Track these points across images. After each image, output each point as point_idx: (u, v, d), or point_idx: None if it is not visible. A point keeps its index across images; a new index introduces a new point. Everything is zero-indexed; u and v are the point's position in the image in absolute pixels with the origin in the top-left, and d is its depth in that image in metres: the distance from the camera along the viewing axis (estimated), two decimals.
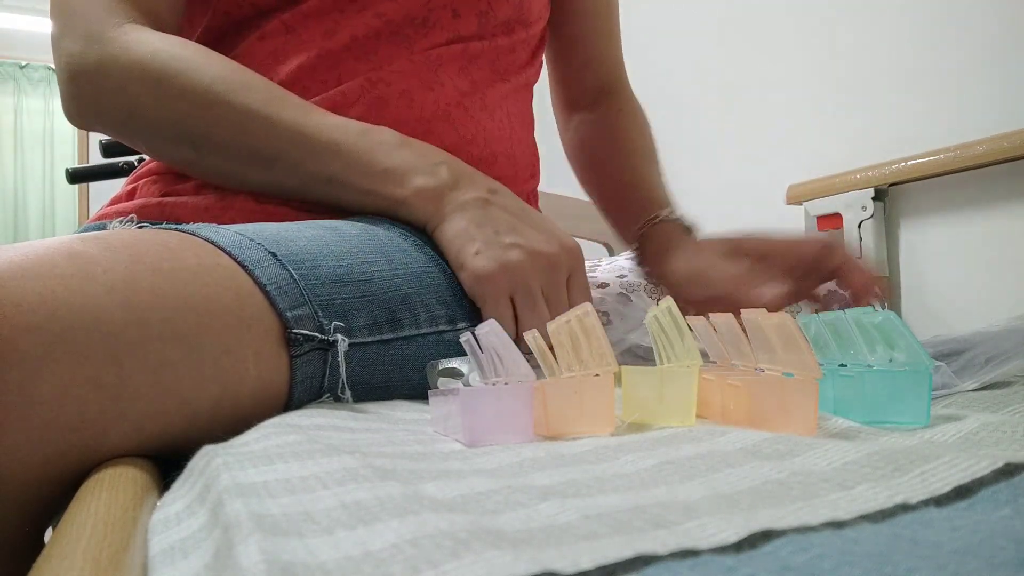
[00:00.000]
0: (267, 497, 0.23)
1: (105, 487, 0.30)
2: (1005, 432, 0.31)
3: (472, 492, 0.24)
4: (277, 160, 0.58)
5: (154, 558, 0.22)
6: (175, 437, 0.40)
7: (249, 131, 0.57)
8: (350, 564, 0.17)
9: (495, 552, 0.17)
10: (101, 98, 0.59)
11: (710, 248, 0.69)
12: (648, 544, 0.17)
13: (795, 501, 0.21)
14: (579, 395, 0.34)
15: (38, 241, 0.40)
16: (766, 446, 0.28)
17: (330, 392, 0.47)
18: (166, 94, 0.57)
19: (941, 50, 1.21)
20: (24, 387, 0.33)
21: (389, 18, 0.65)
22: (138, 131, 0.60)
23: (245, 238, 0.47)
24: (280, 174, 0.58)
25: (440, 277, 0.56)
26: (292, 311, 0.45)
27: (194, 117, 0.57)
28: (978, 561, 0.15)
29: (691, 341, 0.38)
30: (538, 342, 0.39)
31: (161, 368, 0.38)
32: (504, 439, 0.34)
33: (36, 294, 0.35)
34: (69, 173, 1.32)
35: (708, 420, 0.37)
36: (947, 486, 0.22)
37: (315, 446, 0.30)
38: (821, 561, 0.16)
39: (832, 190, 1.31)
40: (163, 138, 0.60)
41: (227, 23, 0.66)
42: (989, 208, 1.15)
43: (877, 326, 0.35)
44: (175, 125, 0.58)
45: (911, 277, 1.26)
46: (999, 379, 0.47)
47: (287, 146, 0.57)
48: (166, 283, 0.40)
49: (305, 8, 0.63)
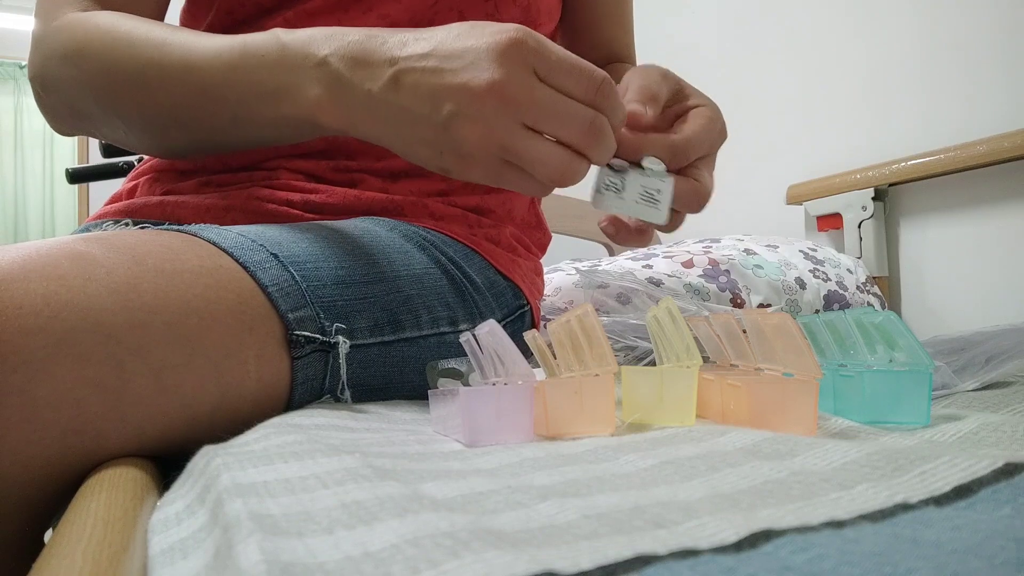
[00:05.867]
0: (267, 497, 0.23)
1: (105, 487, 0.30)
2: (1005, 432, 0.31)
3: (472, 492, 0.24)
4: (179, 110, 0.52)
5: (154, 558, 0.22)
6: (176, 438, 0.40)
7: (145, 83, 0.52)
8: (350, 564, 0.17)
9: (495, 552, 0.17)
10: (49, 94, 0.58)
11: (659, 69, 0.57)
12: (648, 544, 0.17)
13: (795, 501, 0.21)
14: (579, 395, 0.34)
15: (40, 241, 0.40)
16: (766, 446, 0.28)
17: (330, 393, 0.47)
18: (82, 68, 0.54)
19: (941, 50, 1.21)
20: (26, 389, 0.33)
21: (393, 19, 0.64)
22: (81, 117, 0.58)
23: (247, 239, 0.47)
24: (192, 126, 0.53)
25: (442, 278, 0.56)
26: (294, 313, 0.45)
27: (103, 85, 0.53)
28: (978, 561, 0.15)
29: (691, 341, 0.38)
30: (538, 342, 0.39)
31: (163, 370, 0.38)
32: (504, 439, 0.34)
33: (38, 296, 0.35)
34: (69, 173, 1.32)
35: (708, 420, 0.37)
36: (947, 486, 0.22)
37: (315, 446, 0.30)
38: (821, 561, 0.16)
39: (832, 190, 1.31)
40: (95, 118, 0.57)
41: (229, 21, 0.66)
42: (989, 208, 1.15)
43: (877, 326, 0.35)
44: (98, 100, 0.54)
45: (911, 277, 1.26)
46: (999, 379, 0.47)
47: (181, 90, 0.51)
48: (168, 285, 0.40)
49: (309, 7, 0.63)
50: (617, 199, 0.48)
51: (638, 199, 0.48)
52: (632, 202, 0.48)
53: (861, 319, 0.36)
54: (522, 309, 0.66)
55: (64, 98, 0.57)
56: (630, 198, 0.48)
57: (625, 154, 0.49)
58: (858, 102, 1.35)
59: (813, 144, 1.44)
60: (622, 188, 0.48)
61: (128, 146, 0.61)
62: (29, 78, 0.59)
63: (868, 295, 1.12)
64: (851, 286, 1.10)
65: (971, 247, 1.17)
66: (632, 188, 0.48)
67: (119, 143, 0.61)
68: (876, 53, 1.32)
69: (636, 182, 0.48)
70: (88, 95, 0.55)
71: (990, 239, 1.15)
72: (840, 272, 1.12)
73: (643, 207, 0.48)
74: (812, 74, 1.45)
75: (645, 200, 0.48)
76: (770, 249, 1.11)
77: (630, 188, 0.48)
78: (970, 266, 1.18)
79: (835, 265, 1.12)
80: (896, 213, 1.28)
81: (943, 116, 1.20)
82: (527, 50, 0.42)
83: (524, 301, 0.67)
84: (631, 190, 0.48)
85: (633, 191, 0.48)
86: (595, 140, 0.44)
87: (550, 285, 0.95)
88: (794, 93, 1.49)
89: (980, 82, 1.16)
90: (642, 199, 0.48)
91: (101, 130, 0.60)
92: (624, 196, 0.48)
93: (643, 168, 0.49)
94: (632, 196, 0.48)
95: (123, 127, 0.56)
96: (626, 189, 0.48)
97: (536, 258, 0.75)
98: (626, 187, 0.48)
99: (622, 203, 0.48)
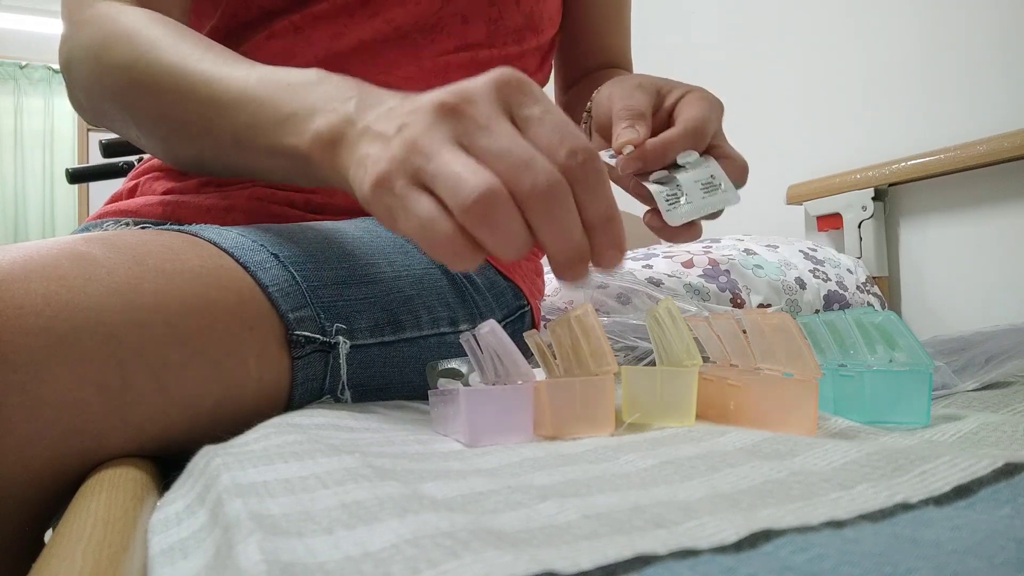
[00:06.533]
0: (267, 497, 0.23)
1: (105, 487, 0.30)
2: (1005, 432, 0.31)
3: (472, 492, 0.24)
4: (189, 122, 0.50)
5: (154, 558, 0.22)
6: (176, 438, 0.40)
7: (161, 89, 0.50)
8: (350, 564, 0.17)
9: (495, 552, 0.17)
10: (73, 87, 0.57)
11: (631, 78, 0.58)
12: (648, 544, 0.17)
13: (795, 501, 0.21)
14: (579, 395, 0.34)
15: (41, 241, 0.40)
16: (766, 446, 0.28)
17: (330, 393, 0.47)
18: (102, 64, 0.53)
19: (941, 50, 1.21)
20: (26, 389, 0.33)
21: (398, 24, 0.64)
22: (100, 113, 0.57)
23: (248, 240, 0.47)
24: (199, 141, 0.51)
25: (443, 279, 0.56)
26: (294, 313, 0.45)
27: (120, 86, 0.52)
28: (978, 560, 0.15)
29: (691, 341, 0.38)
30: (538, 342, 0.39)
31: (163, 371, 0.38)
32: (504, 439, 0.34)
33: (39, 296, 0.35)
34: (69, 173, 1.32)
35: (708, 420, 0.37)
36: (947, 486, 0.22)
37: (315, 446, 0.30)
38: (821, 561, 0.16)
39: (832, 190, 1.31)
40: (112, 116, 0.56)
41: (234, 24, 0.66)
42: (989, 208, 1.15)
43: (877, 326, 0.35)
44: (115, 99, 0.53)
45: (911, 277, 1.26)
46: (999, 379, 0.47)
47: (195, 102, 0.49)
48: (169, 285, 0.40)
49: (315, 10, 0.63)
50: (686, 207, 0.46)
51: (703, 194, 0.47)
52: (700, 199, 0.46)
53: (861, 319, 0.36)
54: (522, 309, 0.67)
55: (85, 89, 0.57)
56: (696, 197, 0.46)
57: (656, 163, 0.48)
58: (858, 102, 1.35)
59: (813, 144, 1.44)
60: (682, 193, 0.47)
61: (143, 148, 0.61)
62: (60, 68, 0.58)
63: (868, 295, 1.12)
64: (851, 286, 1.10)
65: (971, 247, 1.17)
66: (691, 188, 0.47)
67: (134, 143, 0.61)
68: (876, 53, 1.32)
69: (689, 180, 0.47)
70: (106, 93, 0.54)
71: (990, 239, 1.15)
72: (840, 272, 1.12)
73: (712, 197, 0.47)
74: (812, 74, 1.45)
75: (709, 191, 0.47)
76: (770, 249, 1.11)
77: (689, 189, 0.47)
78: (970, 266, 1.18)
79: (835, 265, 1.12)
80: (896, 213, 1.28)
81: (943, 116, 1.20)
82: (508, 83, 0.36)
83: (524, 301, 0.67)
84: (691, 191, 0.47)
85: (694, 190, 0.47)
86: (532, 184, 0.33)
87: (550, 285, 0.95)
88: (794, 93, 1.49)
89: (980, 82, 1.16)
90: (706, 191, 0.47)
91: (116, 127, 0.59)
92: (691, 199, 0.46)
93: (683, 167, 0.48)
94: (696, 195, 0.47)
95: (134, 127, 0.56)
96: (686, 192, 0.47)
97: (537, 258, 0.75)
98: (684, 191, 0.47)
99: (692, 207, 0.46)
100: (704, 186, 0.47)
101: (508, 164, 0.33)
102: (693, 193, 0.47)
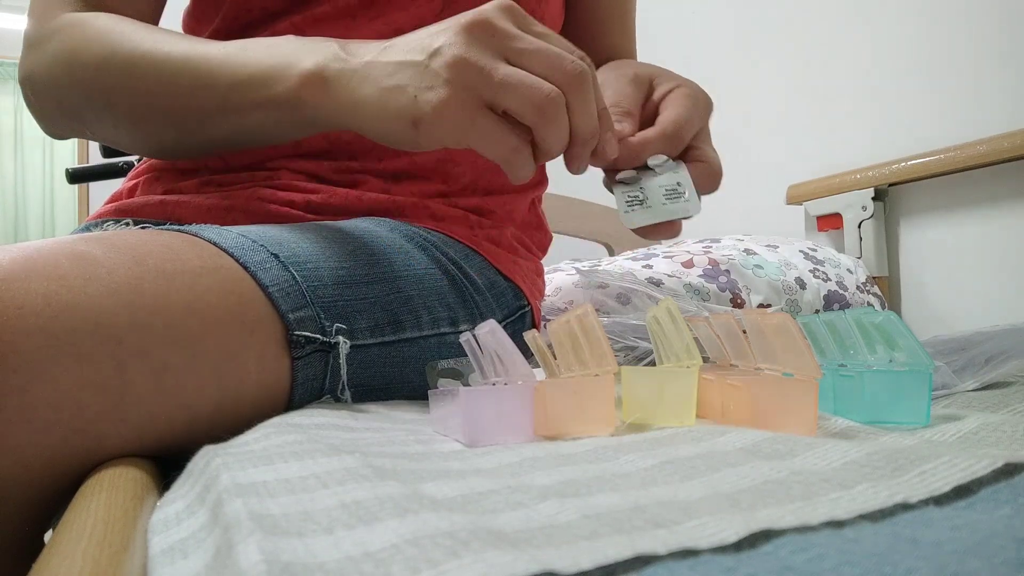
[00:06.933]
0: (267, 497, 0.23)
1: (105, 487, 0.30)
2: (1005, 432, 0.31)
3: (472, 492, 0.24)
4: (173, 98, 0.52)
5: (154, 558, 0.22)
6: (176, 438, 0.40)
7: (138, 74, 0.51)
8: (350, 564, 0.17)
9: (495, 552, 0.17)
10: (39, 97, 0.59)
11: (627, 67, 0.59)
12: (648, 544, 0.17)
13: (795, 501, 0.21)
14: (579, 395, 0.34)
15: (41, 241, 0.40)
16: (766, 446, 0.28)
17: (330, 393, 0.47)
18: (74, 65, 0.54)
19: (942, 50, 1.21)
20: (26, 389, 0.33)
21: (400, 26, 0.64)
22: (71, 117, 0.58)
23: (248, 240, 0.47)
24: (183, 119, 0.53)
25: (443, 279, 0.56)
26: (294, 313, 0.45)
27: (95, 78, 0.53)
28: (978, 561, 0.15)
29: (691, 341, 0.38)
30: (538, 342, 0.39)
31: (163, 372, 0.38)
32: (504, 439, 0.34)
33: (39, 296, 0.35)
34: (69, 173, 1.32)
35: (708, 420, 0.37)
36: (947, 486, 0.22)
37: (315, 446, 0.30)
38: (821, 561, 0.16)
39: (832, 190, 1.31)
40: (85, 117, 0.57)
41: (235, 26, 0.66)
42: (989, 208, 1.15)
43: (877, 326, 0.35)
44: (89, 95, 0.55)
45: (911, 277, 1.26)
46: (999, 379, 0.47)
47: (175, 77, 0.50)
48: (169, 286, 0.40)
49: (317, 12, 0.63)
50: (645, 211, 0.47)
51: (664, 200, 0.47)
52: (660, 205, 0.47)
53: (861, 319, 0.36)
54: (523, 310, 0.66)
55: (54, 97, 0.58)
56: (656, 203, 0.47)
57: (626, 163, 0.48)
58: (858, 102, 1.35)
59: (813, 144, 1.44)
60: (644, 197, 0.47)
61: (119, 145, 0.61)
62: (19, 80, 0.59)
63: (868, 295, 1.12)
64: (851, 286, 1.10)
65: (971, 247, 1.17)
66: (654, 193, 0.47)
67: (110, 142, 0.62)
68: (876, 53, 1.32)
69: (654, 185, 0.47)
70: (79, 92, 0.55)
71: (990, 239, 1.15)
72: (840, 272, 1.12)
73: (673, 205, 0.47)
74: (812, 74, 1.45)
75: (671, 198, 0.47)
76: (770, 249, 1.11)
77: (652, 193, 0.47)
78: (970, 266, 1.18)
79: (835, 265, 1.12)
80: (896, 213, 1.28)
81: (943, 116, 1.20)
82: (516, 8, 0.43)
83: (525, 302, 0.67)
84: (654, 195, 0.47)
85: (656, 195, 0.47)
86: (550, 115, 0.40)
87: (550, 285, 0.95)
88: (794, 93, 1.49)
89: (980, 82, 1.16)
90: (668, 198, 0.47)
91: (92, 128, 0.60)
92: (651, 204, 0.47)
93: (652, 169, 0.48)
94: (658, 200, 0.47)
95: (112, 122, 0.56)
96: (648, 196, 0.47)
97: (537, 259, 0.75)
98: (647, 195, 0.47)
99: (652, 211, 0.47)
100: (668, 192, 0.48)
101: (546, 64, 0.41)
102: (654, 198, 0.47)
